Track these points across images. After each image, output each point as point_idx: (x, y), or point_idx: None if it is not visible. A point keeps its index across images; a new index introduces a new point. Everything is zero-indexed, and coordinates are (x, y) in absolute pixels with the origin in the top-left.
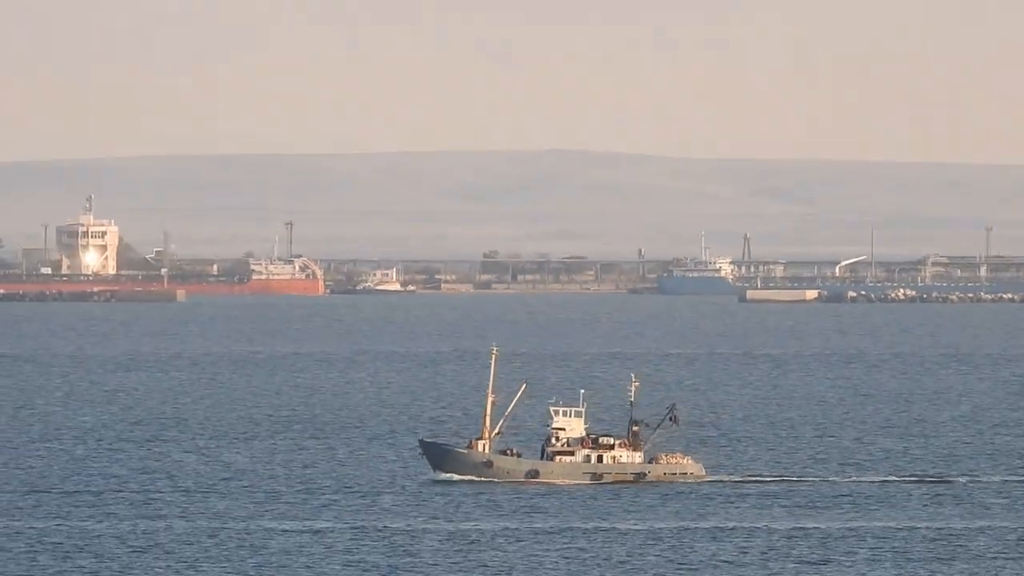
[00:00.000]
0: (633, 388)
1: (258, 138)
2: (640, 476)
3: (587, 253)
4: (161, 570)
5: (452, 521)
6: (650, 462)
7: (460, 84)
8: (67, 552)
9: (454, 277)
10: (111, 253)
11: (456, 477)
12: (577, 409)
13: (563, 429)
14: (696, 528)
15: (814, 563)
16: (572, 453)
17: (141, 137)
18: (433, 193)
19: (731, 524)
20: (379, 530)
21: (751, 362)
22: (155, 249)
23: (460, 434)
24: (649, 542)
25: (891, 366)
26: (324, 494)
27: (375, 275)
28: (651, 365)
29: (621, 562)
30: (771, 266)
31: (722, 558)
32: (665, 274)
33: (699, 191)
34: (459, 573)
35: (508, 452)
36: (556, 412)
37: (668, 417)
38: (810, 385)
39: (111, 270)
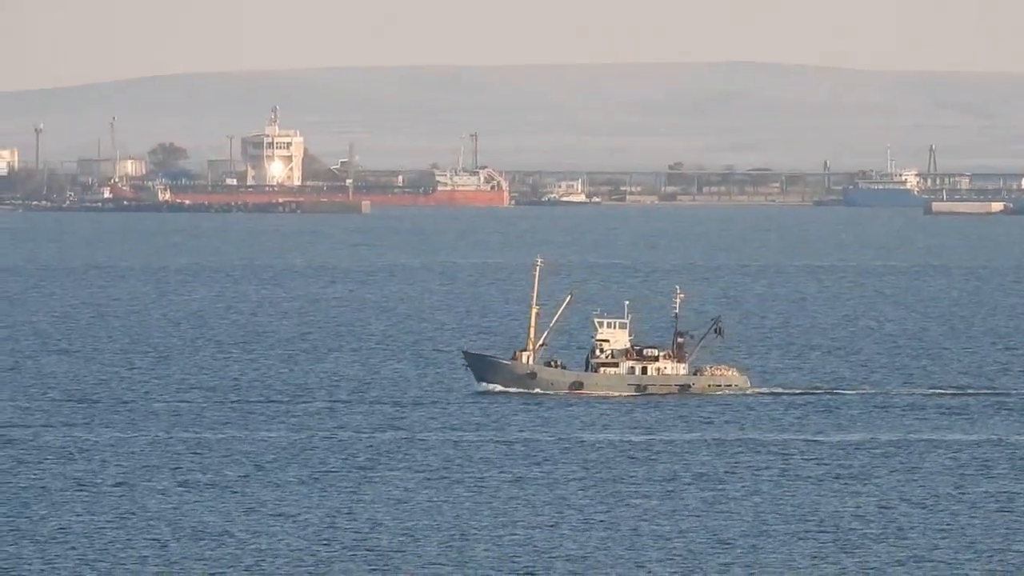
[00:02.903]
0: (678, 300)
1: (443, 51)
2: (684, 388)
3: (772, 165)
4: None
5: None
6: (695, 374)
7: (637, 1)
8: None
9: (639, 189)
10: (296, 164)
11: (499, 388)
12: (621, 320)
13: (607, 340)
14: (731, 440)
15: (857, 475)
16: (616, 365)
17: (327, 49)
18: (619, 106)
19: (772, 436)
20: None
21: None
22: (340, 160)
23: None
24: (688, 453)
25: None
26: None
27: (560, 187)
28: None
29: (659, 478)
30: (956, 178)
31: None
32: (851, 186)
33: (885, 103)
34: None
35: (553, 363)
36: (600, 324)
37: (712, 329)
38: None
39: (296, 181)
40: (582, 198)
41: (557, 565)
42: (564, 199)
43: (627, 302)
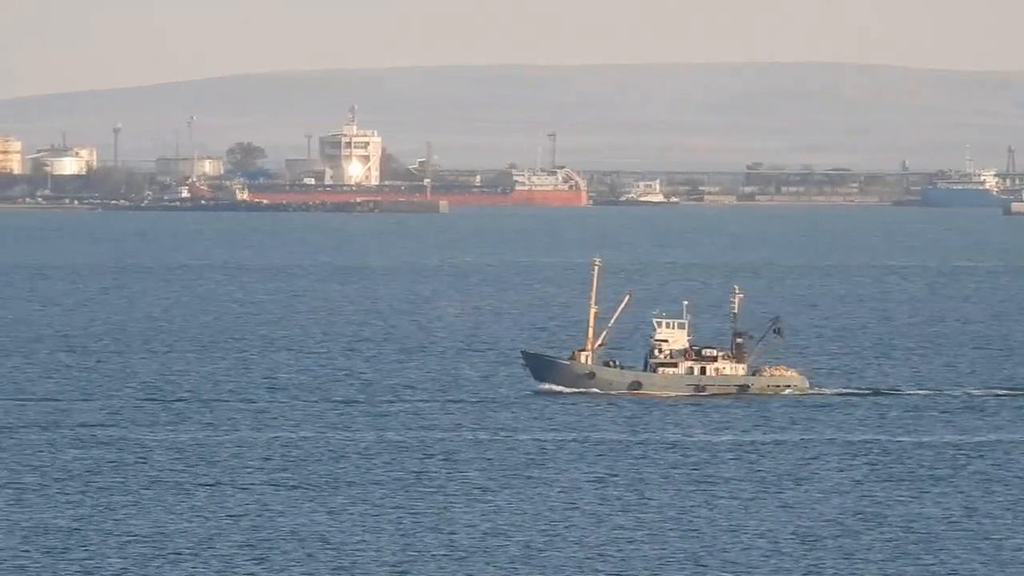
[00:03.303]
0: (736, 300)
1: (521, 50)
2: (743, 388)
3: (851, 165)
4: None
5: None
6: (753, 374)
7: None
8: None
9: (717, 189)
10: (374, 163)
11: (558, 388)
12: (680, 320)
13: (666, 341)
14: (790, 441)
15: (920, 477)
16: (675, 365)
17: (404, 48)
18: (697, 105)
19: (827, 436)
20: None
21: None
22: (418, 160)
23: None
24: (745, 454)
25: None
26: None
27: (638, 186)
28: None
29: (720, 478)
30: None
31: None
32: (929, 186)
33: (963, 103)
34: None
35: (611, 364)
36: (659, 323)
37: (772, 330)
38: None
39: (374, 181)
40: (660, 198)
41: (636, 564)
42: (642, 199)
43: (685, 302)
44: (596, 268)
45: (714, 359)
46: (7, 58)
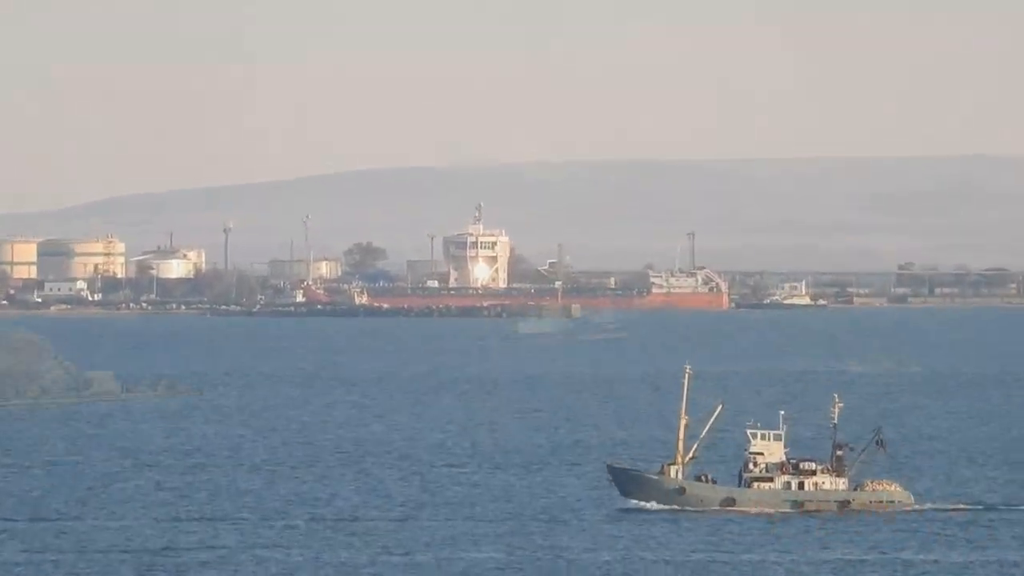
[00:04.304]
0: (836, 409)
1: (655, 143)
2: (843, 504)
3: (1009, 265)
4: None
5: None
6: (855, 489)
7: (869, 89)
8: None
9: (867, 290)
10: (502, 265)
11: (646, 504)
12: (776, 432)
13: (761, 454)
14: (900, 560)
15: None
16: (771, 479)
17: (532, 143)
18: (845, 201)
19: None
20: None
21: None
22: (549, 261)
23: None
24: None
25: None
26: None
27: (783, 288)
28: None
29: None
30: None
31: None
32: None
33: None
34: None
35: (703, 478)
36: (754, 435)
37: (874, 441)
38: None
39: (502, 283)
40: (807, 300)
41: None
42: (787, 301)
43: (782, 412)
44: (687, 376)
45: (813, 473)
46: (115, 153)
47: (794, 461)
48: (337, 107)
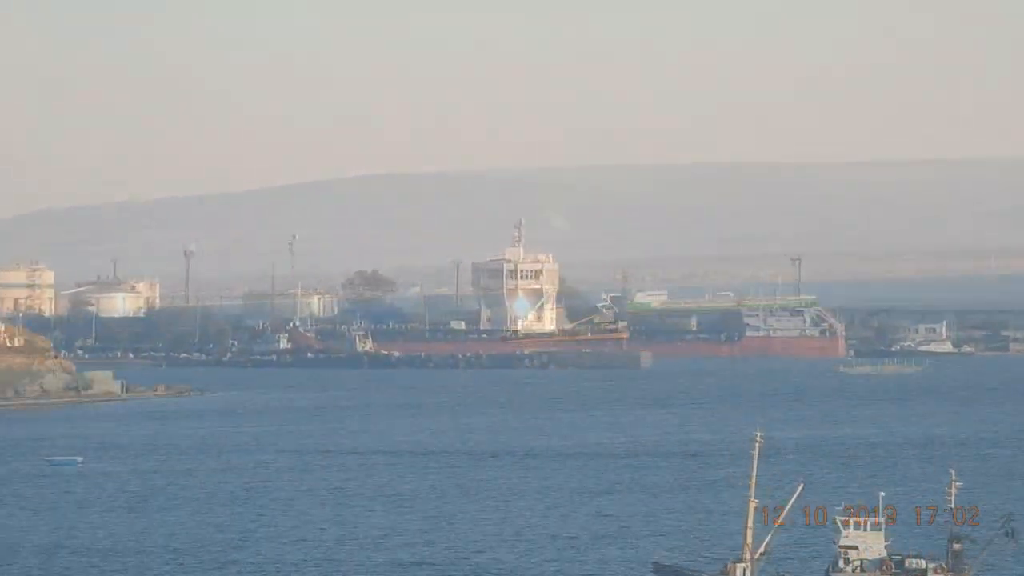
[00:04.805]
0: (954, 488)
1: (743, 143)
2: None
3: None
4: None
5: None
6: None
7: None
8: None
9: None
10: (548, 299)
11: None
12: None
13: (855, 548)
14: None
15: None
16: None
17: (576, 146)
18: (993, 214)
19: None
20: None
21: None
22: (607, 294)
23: None
24: None
25: None
26: None
27: (917, 330)
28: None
29: None
30: None
31: None
32: None
33: None
34: None
35: None
36: (846, 524)
37: (1003, 531)
38: None
39: (548, 324)
40: (948, 347)
41: None
42: (922, 348)
43: (882, 494)
44: (757, 446)
45: (923, 572)
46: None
47: (898, 557)
48: (332, 103)
